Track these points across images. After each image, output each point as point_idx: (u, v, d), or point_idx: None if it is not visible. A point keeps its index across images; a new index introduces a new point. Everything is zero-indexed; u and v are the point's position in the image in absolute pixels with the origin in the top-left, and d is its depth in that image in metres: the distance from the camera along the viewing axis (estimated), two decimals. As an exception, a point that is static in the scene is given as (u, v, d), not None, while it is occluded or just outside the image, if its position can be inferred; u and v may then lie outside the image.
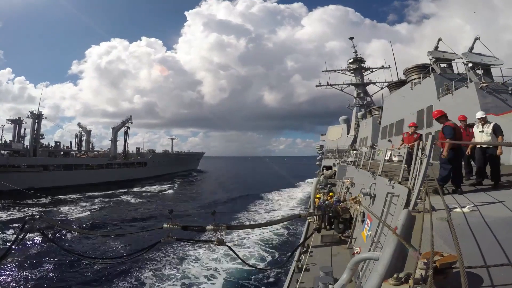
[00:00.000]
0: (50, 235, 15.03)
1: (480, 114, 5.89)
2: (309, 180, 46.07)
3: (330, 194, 11.48)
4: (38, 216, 6.37)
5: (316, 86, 43.69)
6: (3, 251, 6.36)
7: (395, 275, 1.93)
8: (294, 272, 7.36)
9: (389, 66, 40.16)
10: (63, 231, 18.23)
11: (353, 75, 42.17)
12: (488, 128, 5.53)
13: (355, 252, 6.59)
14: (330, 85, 42.71)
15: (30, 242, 15.99)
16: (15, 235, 6.22)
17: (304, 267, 7.23)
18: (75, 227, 18.89)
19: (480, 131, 5.67)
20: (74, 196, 34.04)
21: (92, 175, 46.62)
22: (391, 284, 1.89)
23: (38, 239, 16.16)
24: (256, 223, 18.65)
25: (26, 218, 6.15)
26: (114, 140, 57.68)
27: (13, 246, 6.26)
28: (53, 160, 44.62)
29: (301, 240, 9.99)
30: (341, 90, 42.70)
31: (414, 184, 4.34)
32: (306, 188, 40.41)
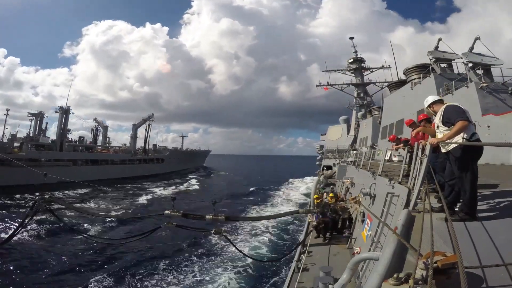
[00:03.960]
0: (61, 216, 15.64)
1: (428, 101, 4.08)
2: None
3: (331, 194, 11.50)
4: (48, 196, 6.43)
5: (316, 86, 43.71)
6: (15, 230, 6.51)
7: (395, 275, 1.92)
8: (294, 272, 7.35)
9: (389, 66, 40.19)
10: (71, 213, 19.06)
11: (353, 75, 42.18)
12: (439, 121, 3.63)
13: (355, 252, 6.58)
14: (330, 85, 42.71)
15: (39, 221, 16.88)
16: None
17: (303, 267, 7.22)
18: (83, 208, 19.72)
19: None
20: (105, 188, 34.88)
21: (117, 170, 48.20)
22: (391, 284, 1.88)
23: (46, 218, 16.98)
24: (254, 216, 18.76)
25: (36, 198, 6.25)
26: (134, 137, 59.69)
27: (22, 224, 6.36)
28: (81, 155, 45.84)
29: (301, 239, 9.99)
30: (341, 90, 42.72)
31: (414, 184, 4.34)
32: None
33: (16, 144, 38.96)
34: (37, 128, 43.88)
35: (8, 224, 18.11)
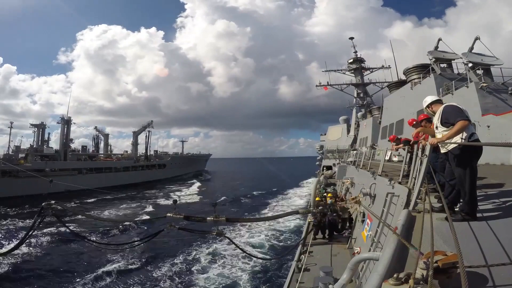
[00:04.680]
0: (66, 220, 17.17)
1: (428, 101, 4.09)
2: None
3: (329, 194, 11.48)
4: (54, 202, 6.53)
5: (316, 86, 43.70)
6: (22, 236, 6.64)
7: (395, 275, 1.92)
8: (294, 272, 7.35)
9: (389, 66, 40.16)
10: (77, 219, 20.00)
11: (353, 75, 42.18)
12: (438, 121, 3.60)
13: (355, 252, 6.58)
14: (330, 85, 42.69)
15: (45, 227, 17.34)
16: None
17: (304, 267, 7.22)
18: (87, 213, 20.26)
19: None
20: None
21: (120, 177, 49.25)
22: (391, 284, 1.88)
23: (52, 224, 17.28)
24: (255, 217, 18.82)
25: (43, 204, 6.36)
26: (135, 144, 61.14)
27: (31, 231, 6.45)
28: (85, 163, 46.91)
29: (301, 239, 9.99)
30: (341, 90, 42.71)
31: (414, 184, 4.33)
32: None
33: (21, 155, 40.03)
34: (40, 139, 44.92)
35: (15, 232, 18.49)
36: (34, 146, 43.14)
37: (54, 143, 48.12)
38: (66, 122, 46.27)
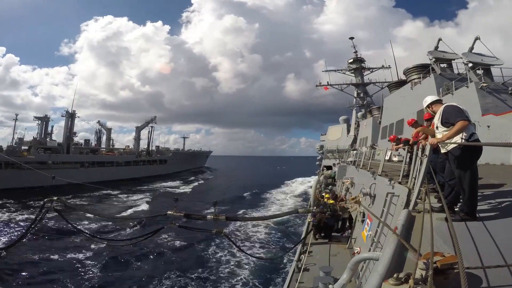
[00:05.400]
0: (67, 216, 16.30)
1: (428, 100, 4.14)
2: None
3: (326, 195, 11.45)
4: (56, 198, 6.57)
5: (316, 86, 43.71)
6: (24, 231, 6.73)
7: (395, 275, 1.92)
8: (294, 272, 7.36)
9: (389, 66, 40.17)
10: (78, 214, 19.91)
11: (353, 75, 42.16)
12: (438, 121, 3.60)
13: (355, 252, 6.58)
14: (330, 85, 42.68)
15: (47, 222, 17.30)
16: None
17: (304, 267, 7.23)
18: (88, 209, 20.47)
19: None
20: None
21: (122, 171, 49.80)
22: (391, 284, 1.88)
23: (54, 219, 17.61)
24: (254, 216, 18.87)
25: (45, 200, 6.42)
26: (138, 139, 61.57)
27: (32, 226, 6.50)
28: (87, 157, 47.29)
29: (301, 239, 10.01)
30: (341, 90, 42.70)
31: (414, 184, 4.34)
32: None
33: (24, 148, 40.24)
34: (43, 131, 45.10)
35: (17, 226, 18.61)
36: (38, 138, 43.39)
37: (55, 136, 48.42)
38: (70, 115, 46.64)
